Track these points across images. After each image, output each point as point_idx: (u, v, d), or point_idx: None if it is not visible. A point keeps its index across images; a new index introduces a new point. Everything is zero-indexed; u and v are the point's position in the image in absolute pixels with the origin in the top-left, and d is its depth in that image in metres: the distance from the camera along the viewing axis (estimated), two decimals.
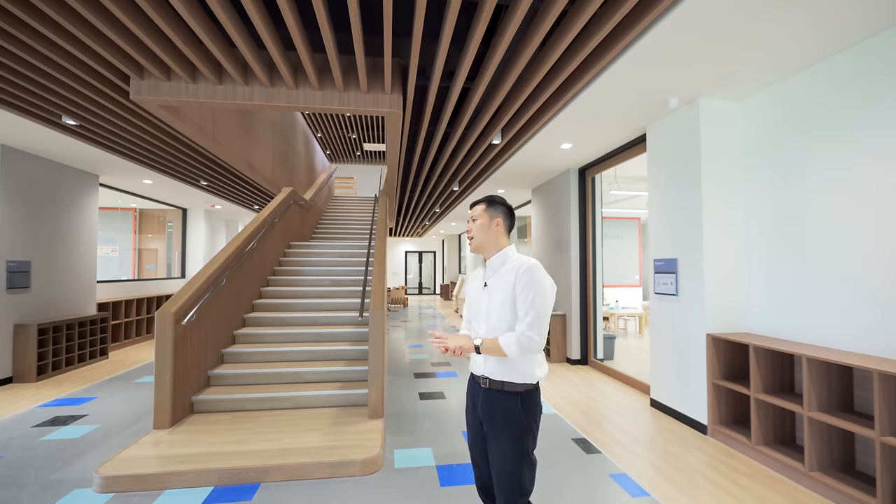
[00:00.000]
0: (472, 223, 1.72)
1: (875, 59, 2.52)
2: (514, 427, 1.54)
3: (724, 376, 3.31)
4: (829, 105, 2.78)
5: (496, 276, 1.64)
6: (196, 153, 5.19)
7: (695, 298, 3.49)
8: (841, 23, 2.44)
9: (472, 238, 1.70)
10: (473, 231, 1.70)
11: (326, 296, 5.54)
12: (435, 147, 5.23)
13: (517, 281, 1.55)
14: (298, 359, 4.29)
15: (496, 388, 1.58)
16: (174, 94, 3.18)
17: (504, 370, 1.57)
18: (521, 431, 1.54)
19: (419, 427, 3.55)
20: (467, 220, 1.75)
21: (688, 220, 3.58)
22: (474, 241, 1.70)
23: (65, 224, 5.75)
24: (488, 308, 1.62)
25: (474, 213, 1.72)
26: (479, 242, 1.69)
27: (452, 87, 3.52)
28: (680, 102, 3.51)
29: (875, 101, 2.52)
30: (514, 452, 1.53)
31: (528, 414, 1.56)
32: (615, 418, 3.77)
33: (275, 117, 6.90)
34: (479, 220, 1.69)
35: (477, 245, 1.70)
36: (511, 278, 1.57)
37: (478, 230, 1.69)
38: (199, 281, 3.72)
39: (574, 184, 5.95)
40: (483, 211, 1.70)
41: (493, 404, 1.59)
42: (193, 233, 9.92)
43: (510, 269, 1.60)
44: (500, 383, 1.57)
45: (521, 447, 1.54)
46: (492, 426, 1.58)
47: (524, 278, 1.54)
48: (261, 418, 3.46)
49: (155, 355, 3.24)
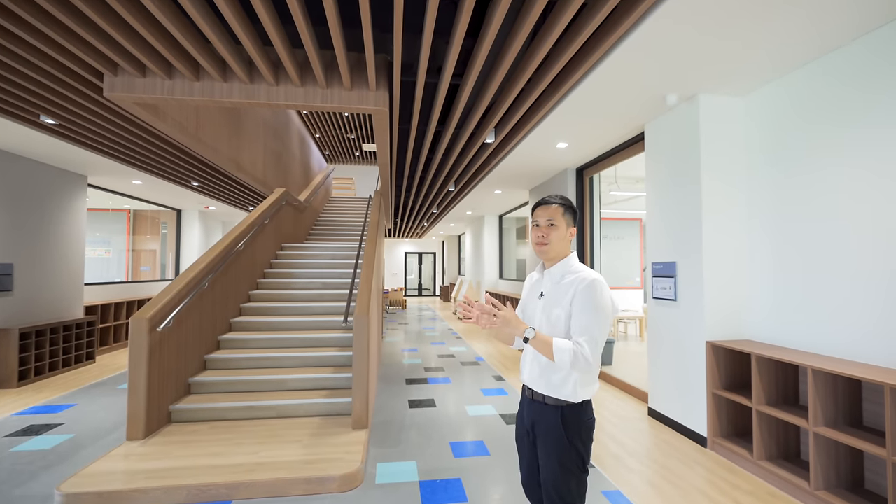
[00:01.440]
0: (547, 226, 1.53)
1: (884, 52, 2.37)
2: (556, 441, 1.47)
3: (724, 386, 3.15)
4: (834, 101, 2.63)
5: (555, 288, 1.53)
6: (183, 153, 5.07)
7: (694, 304, 3.33)
8: (842, 18, 2.29)
9: (548, 244, 1.53)
10: (552, 237, 1.52)
11: (317, 299, 5.41)
12: (427, 147, 5.09)
13: (575, 297, 1.45)
14: (284, 365, 4.15)
15: (538, 400, 1.53)
16: (150, 91, 3.05)
17: (546, 384, 1.50)
18: (563, 447, 1.46)
19: (405, 438, 3.41)
20: (535, 221, 1.56)
21: (687, 222, 3.42)
22: (551, 249, 1.53)
23: (51, 225, 5.64)
24: (544, 319, 1.52)
25: (552, 215, 1.53)
26: (556, 250, 1.53)
27: (440, 83, 3.38)
28: (679, 99, 3.36)
29: (878, 97, 2.36)
30: (555, 465, 1.47)
31: (569, 430, 1.46)
32: (611, 429, 3.61)
33: (267, 116, 6.78)
34: (559, 227, 1.52)
35: (551, 253, 1.54)
36: (570, 293, 1.46)
37: (557, 238, 1.52)
38: (179, 285, 3.59)
39: (572, 184, 5.79)
40: (562, 215, 1.53)
41: (536, 415, 1.54)
42: (188, 234, 9.82)
43: (570, 282, 1.48)
44: (542, 396, 1.51)
45: (561, 462, 1.46)
46: (537, 436, 1.54)
47: (582, 295, 1.43)
48: (240, 428, 3.32)
49: (129, 363, 3.11)
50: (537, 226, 1.55)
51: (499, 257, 11.46)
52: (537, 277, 1.63)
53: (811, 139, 2.77)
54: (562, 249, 1.55)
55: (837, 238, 2.61)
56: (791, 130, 2.91)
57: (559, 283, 1.51)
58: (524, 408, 1.61)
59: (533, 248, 1.58)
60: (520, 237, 11.33)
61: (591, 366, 1.38)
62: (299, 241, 7.67)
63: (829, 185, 2.66)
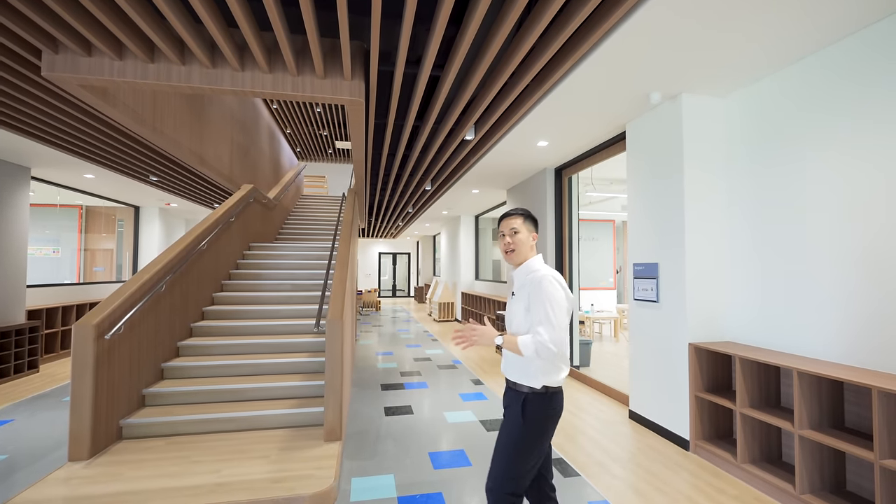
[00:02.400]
0: (511, 235, 1.76)
1: (869, 50, 2.37)
2: (512, 419, 1.64)
3: (707, 388, 3.12)
4: (818, 102, 2.62)
5: (520, 287, 1.73)
6: (140, 145, 4.69)
7: (676, 305, 3.29)
8: (831, 15, 2.27)
9: (514, 251, 1.75)
10: (516, 244, 1.75)
11: (287, 301, 5.12)
12: (404, 143, 4.91)
13: (530, 293, 1.64)
14: (251, 372, 3.88)
15: (510, 386, 1.73)
16: (96, 72, 2.74)
17: (514, 372, 1.69)
18: (514, 425, 1.63)
19: (382, 449, 3.22)
20: (501, 232, 1.80)
21: (669, 223, 3.38)
22: (517, 255, 1.75)
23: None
24: (512, 316, 1.74)
25: (514, 225, 1.76)
26: (520, 256, 1.75)
27: (420, 74, 3.21)
28: (663, 97, 3.32)
29: (867, 96, 2.36)
30: (509, 445, 1.62)
31: (525, 414, 1.62)
32: (593, 433, 3.54)
33: (234, 108, 6.42)
34: (521, 234, 1.75)
35: (516, 259, 1.76)
36: (527, 289, 1.67)
37: (521, 244, 1.75)
38: (132, 287, 3.28)
39: (550, 184, 5.74)
40: (522, 223, 1.76)
41: (508, 400, 1.72)
42: (147, 232, 9.24)
43: (528, 281, 1.68)
44: (513, 383, 1.70)
45: (509, 437, 1.63)
46: (504, 417, 1.70)
47: (535, 290, 1.62)
48: (201, 444, 3.05)
49: (71, 375, 2.79)
50: (503, 236, 1.78)
51: (475, 258, 11.37)
52: (511, 279, 1.85)
53: (794, 140, 2.77)
54: (525, 253, 1.76)
55: (818, 240, 2.60)
56: (774, 131, 2.90)
57: (522, 283, 1.71)
58: (504, 395, 1.78)
59: (503, 256, 1.79)
60: (496, 238, 11.28)
61: (553, 351, 1.53)
62: (268, 240, 7.31)
63: (810, 187, 2.66)
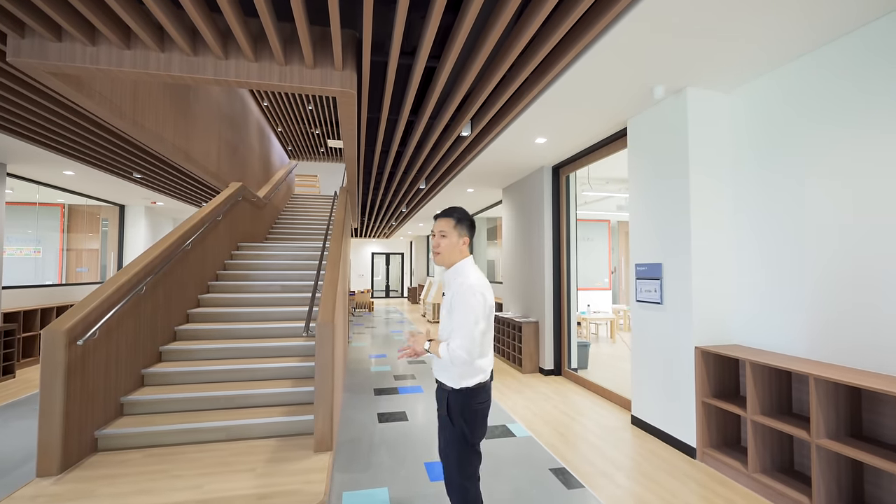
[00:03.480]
0: (439, 238, 1.77)
1: (877, 45, 2.26)
2: (443, 418, 1.76)
3: (714, 394, 3.00)
4: (828, 96, 2.51)
5: (448, 290, 1.77)
6: (121, 140, 4.48)
7: (682, 307, 3.17)
8: (837, 10, 2.16)
9: (439, 254, 1.78)
10: (442, 247, 1.77)
11: (276, 303, 4.94)
12: (398, 139, 4.75)
13: (455, 296, 1.69)
14: (237, 378, 3.70)
15: (439, 385, 1.81)
16: (67, 58, 2.55)
17: (439, 370, 1.79)
18: (445, 423, 1.75)
19: (375, 460, 3.06)
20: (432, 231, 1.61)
21: (674, 222, 3.26)
22: (443, 257, 1.78)
23: None
24: (442, 317, 1.79)
25: (442, 227, 1.77)
26: (447, 259, 1.78)
27: (415, 65, 3.06)
28: (666, 92, 3.20)
29: (874, 90, 2.25)
30: (449, 442, 1.74)
31: (451, 411, 1.73)
32: (595, 440, 3.40)
33: (222, 103, 6.22)
34: (449, 238, 1.77)
35: (443, 261, 1.79)
36: (450, 293, 1.73)
37: (447, 247, 1.77)
38: (109, 289, 3.08)
39: (548, 183, 5.61)
40: (452, 228, 1.77)
41: (438, 398, 1.82)
42: (132, 232, 8.98)
43: (458, 285, 1.70)
44: (440, 382, 1.79)
45: (445, 436, 1.75)
46: (439, 417, 1.81)
47: (458, 298, 1.68)
48: (182, 456, 2.86)
49: (40, 384, 2.59)
50: (433, 235, 1.81)
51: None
52: None
53: (801, 135, 2.66)
54: (452, 257, 1.78)
55: (833, 237, 2.49)
56: (781, 126, 2.79)
57: (451, 286, 1.75)
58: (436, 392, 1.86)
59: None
60: (490, 238, 11.15)
61: (465, 358, 1.62)
62: (258, 240, 7.11)
63: (820, 182, 2.54)
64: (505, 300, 7.06)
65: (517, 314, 6.38)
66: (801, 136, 2.67)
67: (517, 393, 4.73)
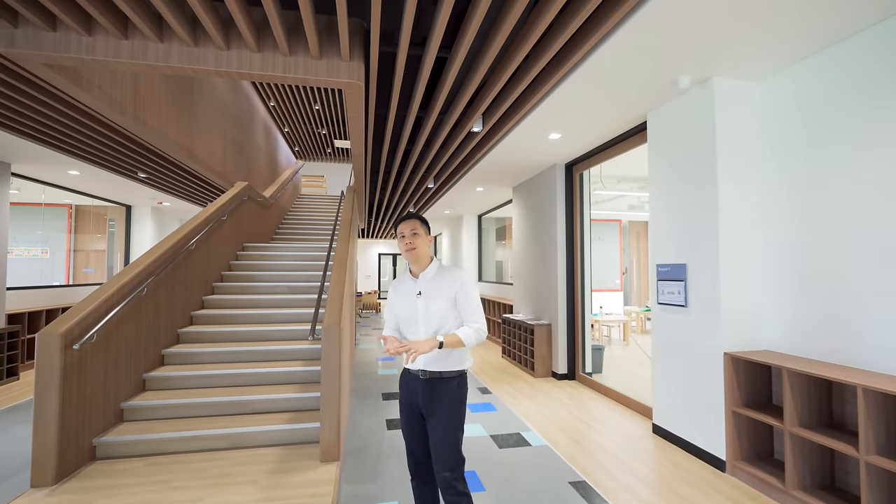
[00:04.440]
0: (411, 236, 1.89)
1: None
2: (451, 403, 1.84)
3: (745, 403, 2.81)
4: (873, 84, 2.32)
5: (431, 285, 1.89)
6: (124, 137, 4.37)
7: (708, 310, 2.99)
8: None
9: (416, 248, 1.90)
10: (417, 243, 1.90)
11: (282, 305, 4.82)
12: (406, 136, 4.61)
13: (460, 289, 1.87)
14: (241, 383, 3.57)
15: (435, 377, 1.86)
16: (62, 49, 2.44)
17: (441, 363, 1.85)
18: (456, 408, 1.85)
19: (384, 469, 2.91)
20: (401, 233, 1.91)
21: (700, 220, 3.08)
22: (418, 252, 1.91)
23: None
24: (427, 314, 1.87)
25: (413, 227, 1.91)
26: (422, 253, 1.92)
27: (425, 56, 2.91)
28: (692, 82, 3.02)
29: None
30: (452, 425, 1.83)
31: (461, 393, 1.88)
32: (615, 450, 3.23)
33: (227, 101, 6.12)
34: (420, 235, 1.91)
35: (419, 255, 1.92)
36: (455, 285, 1.87)
37: (421, 244, 1.91)
38: (108, 291, 2.97)
39: (561, 181, 5.43)
40: (421, 225, 1.93)
41: (432, 391, 1.86)
42: (139, 232, 8.93)
43: (450, 279, 1.89)
44: (439, 373, 1.86)
45: (457, 421, 1.85)
46: (434, 409, 1.84)
47: (466, 287, 1.88)
48: (184, 465, 2.74)
49: (35, 390, 2.48)
50: (403, 237, 1.91)
51: (478, 259, 11.05)
52: (409, 282, 1.95)
53: (845, 125, 2.46)
54: (426, 253, 1.94)
55: (877, 235, 2.30)
56: (821, 115, 2.60)
57: (435, 282, 1.89)
58: (415, 391, 1.89)
59: (404, 255, 1.93)
60: (500, 238, 10.97)
61: (485, 333, 1.86)
62: (264, 240, 7.01)
63: (867, 173, 2.35)
64: (515, 301, 6.88)
65: (528, 316, 6.20)
66: (845, 126, 2.48)
67: (530, 398, 4.56)
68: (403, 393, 1.95)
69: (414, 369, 1.89)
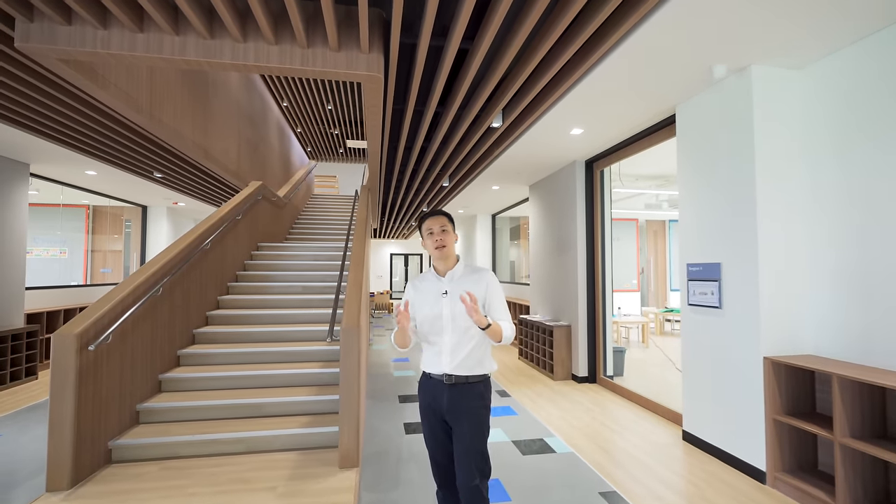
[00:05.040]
0: (441, 232, 1.81)
1: None
2: (479, 409, 1.76)
3: (787, 410, 2.65)
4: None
5: (458, 284, 1.80)
6: (140, 136, 4.35)
7: (746, 312, 2.83)
8: None
9: (445, 246, 1.81)
10: (447, 240, 1.82)
11: (298, 305, 4.75)
12: (423, 133, 4.51)
13: (489, 288, 1.82)
14: (257, 384, 3.50)
15: (461, 383, 1.76)
16: (77, 43, 2.38)
17: (469, 366, 1.76)
18: (484, 413, 1.77)
19: (405, 476, 2.80)
20: (428, 229, 1.83)
21: (736, 217, 2.92)
22: (448, 250, 1.82)
23: None
24: (453, 314, 1.77)
25: (443, 223, 1.83)
26: (451, 251, 1.84)
27: (447, 46, 2.80)
28: (728, 71, 2.86)
29: None
30: (481, 433, 1.75)
31: (486, 398, 1.80)
32: (645, 458, 3.08)
33: (241, 100, 6.10)
34: (449, 232, 1.83)
35: (449, 253, 1.83)
36: (482, 286, 1.80)
37: (449, 241, 1.83)
38: (123, 291, 2.91)
39: (580, 178, 5.28)
40: (449, 222, 1.85)
41: (458, 397, 1.75)
42: (154, 233, 8.98)
43: (478, 278, 1.82)
44: (464, 378, 1.76)
45: (485, 426, 1.77)
46: (460, 415, 1.74)
47: (494, 286, 1.83)
48: (199, 470, 2.66)
49: (50, 392, 2.43)
50: (432, 233, 1.82)
51: (492, 259, 10.92)
52: (433, 280, 1.86)
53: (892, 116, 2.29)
54: (454, 252, 1.87)
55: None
56: (872, 104, 2.43)
57: (462, 281, 1.81)
58: (438, 397, 1.77)
59: (432, 252, 1.83)
60: (514, 237, 10.83)
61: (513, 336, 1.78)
62: (278, 240, 6.97)
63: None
64: (532, 302, 6.74)
65: (547, 317, 6.06)
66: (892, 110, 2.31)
67: (551, 402, 4.42)
68: (424, 399, 1.84)
69: (437, 374, 1.78)
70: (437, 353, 1.79)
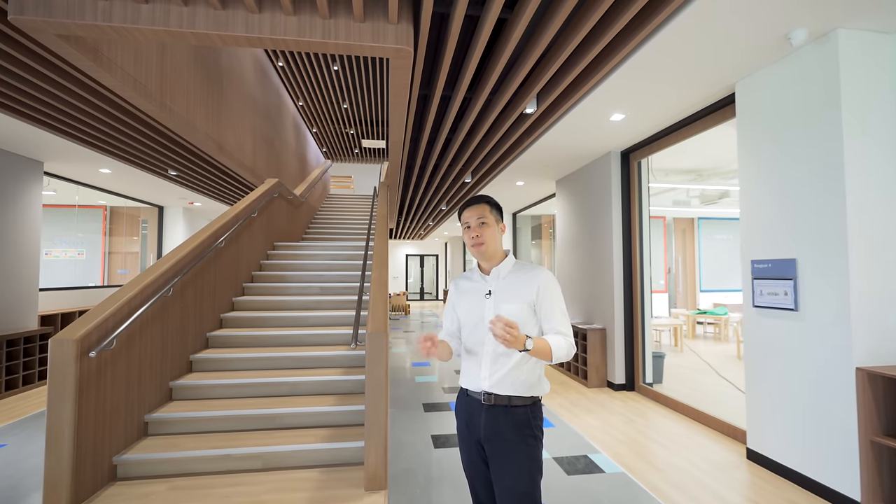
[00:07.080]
0: (478, 226, 1.51)
1: None
2: (525, 438, 1.42)
3: (887, 431, 2.26)
4: None
5: (504, 285, 1.51)
6: (153, 130, 4.15)
7: (832, 315, 2.45)
8: None
9: (483, 243, 1.51)
10: (485, 235, 1.51)
11: (315, 307, 4.49)
12: (448, 122, 4.21)
13: (541, 291, 1.46)
14: (273, 393, 3.24)
15: (502, 404, 1.44)
16: (76, 15, 2.14)
17: (512, 385, 1.43)
18: (532, 444, 1.42)
19: (438, 500, 2.49)
20: (465, 223, 1.54)
21: (816, 206, 2.54)
22: (486, 247, 1.51)
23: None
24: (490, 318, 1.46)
25: (481, 213, 1.52)
26: (492, 248, 1.52)
27: (484, 16, 2.50)
28: (809, 37, 2.49)
29: None
30: (527, 470, 1.40)
31: (536, 427, 1.44)
32: (707, 480, 2.71)
33: (256, 93, 5.89)
34: (489, 224, 1.52)
35: (488, 251, 1.51)
36: (533, 288, 1.47)
37: (490, 236, 1.51)
38: (129, 293, 2.67)
39: (616, 171, 4.92)
40: (490, 212, 1.53)
41: (496, 421, 1.44)
42: (171, 233, 8.88)
43: (529, 277, 1.49)
44: (507, 398, 1.44)
45: (536, 462, 1.42)
46: (500, 445, 1.43)
47: (550, 289, 1.47)
48: (212, 491, 2.40)
49: (48, 404, 2.18)
50: (469, 227, 1.53)
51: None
52: (478, 279, 1.57)
53: None
54: (497, 247, 1.54)
55: None
56: None
57: (510, 280, 1.51)
58: (475, 420, 1.48)
59: (470, 251, 1.54)
60: (535, 237, 10.46)
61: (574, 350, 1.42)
62: (294, 239, 6.75)
63: None
64: None
65: (578, 320, 5.69)
66: None
67: (589, 412, 4.06)
68: (461, 419, 1.55)
69: (475, 391, 1.48)
70: (476, 366, 1.49)
